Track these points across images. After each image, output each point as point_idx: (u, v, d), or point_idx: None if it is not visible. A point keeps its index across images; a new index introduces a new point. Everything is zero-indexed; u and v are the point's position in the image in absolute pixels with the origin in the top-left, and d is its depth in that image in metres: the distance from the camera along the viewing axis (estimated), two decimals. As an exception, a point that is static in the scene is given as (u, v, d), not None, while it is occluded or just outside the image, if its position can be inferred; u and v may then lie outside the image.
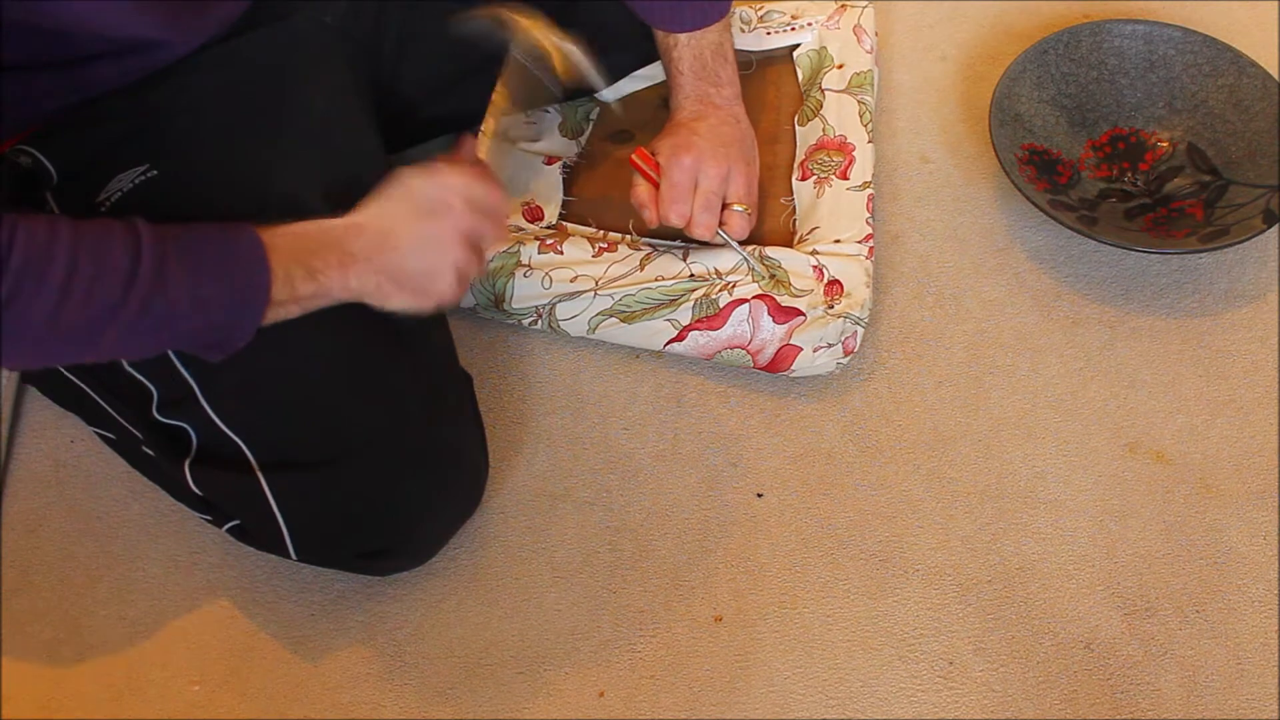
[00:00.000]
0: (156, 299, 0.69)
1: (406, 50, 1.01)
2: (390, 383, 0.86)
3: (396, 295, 0.81)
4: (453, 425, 0.91)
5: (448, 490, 0.90)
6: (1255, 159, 1.09)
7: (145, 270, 0.69)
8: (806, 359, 0.99)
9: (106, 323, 0.68)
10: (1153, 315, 1.06)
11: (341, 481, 0.84)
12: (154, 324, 0.70)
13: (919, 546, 0.94)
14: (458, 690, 0.89)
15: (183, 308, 0.71)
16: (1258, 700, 0.86)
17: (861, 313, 1.00)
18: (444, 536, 0.93)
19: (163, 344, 0.75)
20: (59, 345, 0.69)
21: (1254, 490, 0.95)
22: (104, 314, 0.68)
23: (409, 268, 0.81)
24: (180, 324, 0.72)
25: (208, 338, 0.74)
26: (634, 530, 0.96)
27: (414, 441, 0.86)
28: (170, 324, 0.71)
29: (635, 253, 1.04)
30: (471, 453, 0.93)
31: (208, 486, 0.87)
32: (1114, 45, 1.16)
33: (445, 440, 0.89)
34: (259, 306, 0.74)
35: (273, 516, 0.85)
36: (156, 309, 0.70)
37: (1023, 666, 0.88)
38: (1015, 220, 1.13)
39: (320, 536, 0.87)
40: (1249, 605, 0.90)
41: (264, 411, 0.83)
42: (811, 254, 1.02)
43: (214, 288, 0.72)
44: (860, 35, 1.18)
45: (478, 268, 0.85)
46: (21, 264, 0.64)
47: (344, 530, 0.86)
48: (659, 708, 0.88)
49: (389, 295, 0.81)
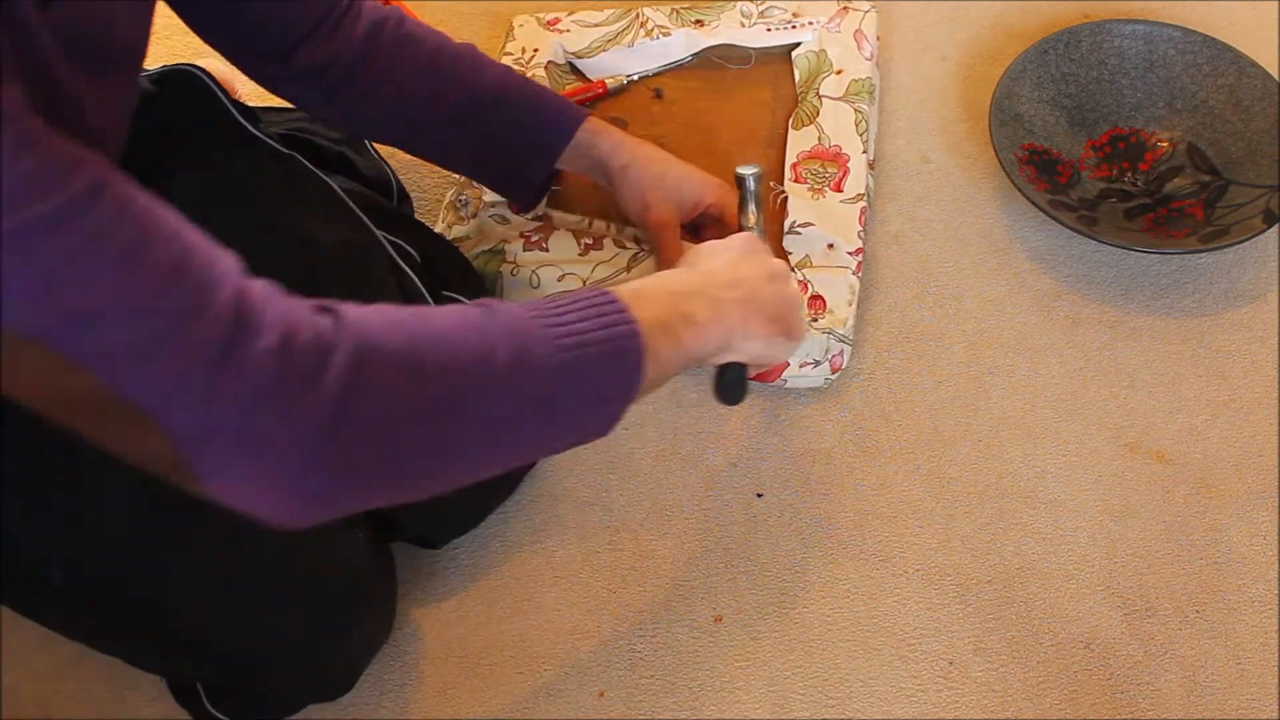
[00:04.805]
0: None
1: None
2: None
3: (762, 327, 0.76)
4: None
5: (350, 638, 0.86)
6: (1255, 159, 1.08)
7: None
8: (794, 373, 0.99)
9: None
10: (1153, 315, 1.06)
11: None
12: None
13: (919, 546, 0.94)
14: (458, 690, 0.89)
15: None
16: (1258, 700, 0.86)
17: (845, 330, 1.00)
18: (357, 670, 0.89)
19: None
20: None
21: (1254, 490, 0.95)
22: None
23: (765, 295, 0.77)
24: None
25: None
26: (634, 530, 0.96)
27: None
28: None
29: (622, 251, 1.04)
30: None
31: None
32: (1114, 45, 1.16)
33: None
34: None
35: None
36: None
37: (1023, 666, 0.88)
38: (1015, 220, 1.13)
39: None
40: (1249, 605, 0.90)
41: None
42: (796, 268, 1.02)
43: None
44: (860, 41, 1.18)
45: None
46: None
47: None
48: (659, 708, 0.88)
49: (756, 329, 0.76)
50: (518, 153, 0.95)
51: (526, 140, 0.94)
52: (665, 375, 0.70)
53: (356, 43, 0.87)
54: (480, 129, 0.92)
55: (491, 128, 0.92)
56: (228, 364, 0.53)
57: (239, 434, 0.53)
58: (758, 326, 0.76)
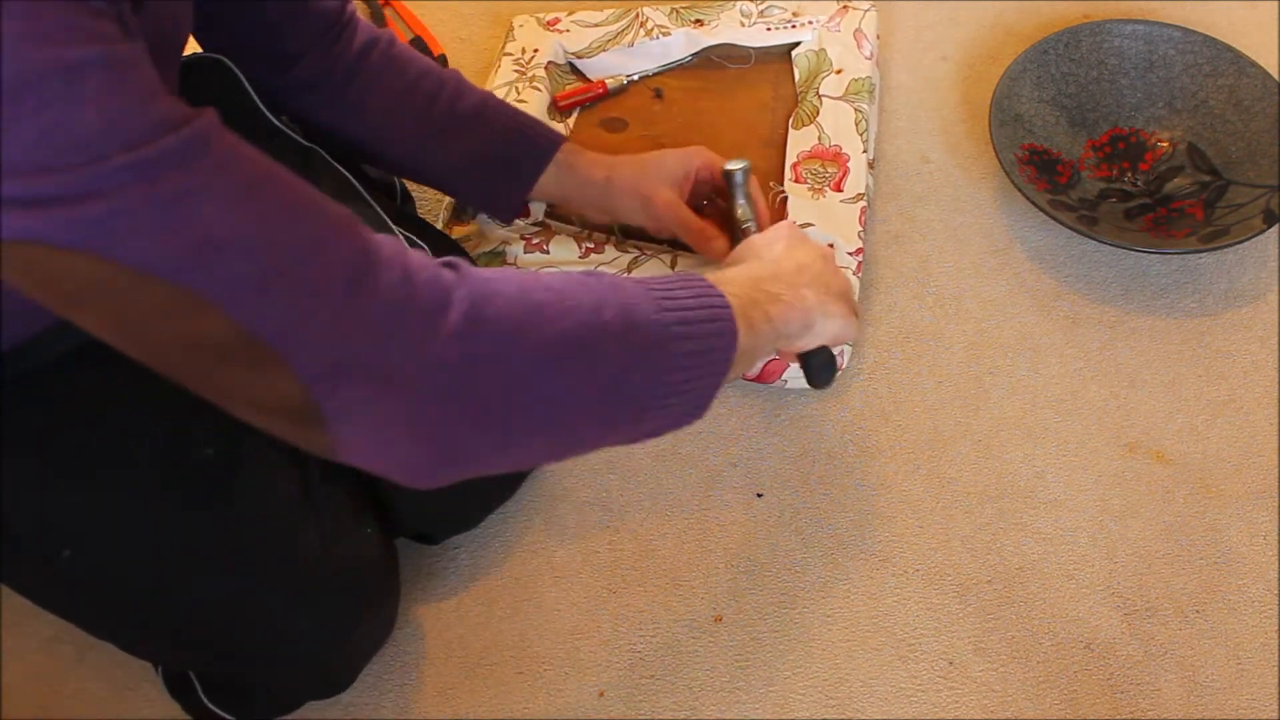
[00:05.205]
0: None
1: None
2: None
3: (836, 305, 0.79)
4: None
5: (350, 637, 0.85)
6: (1255, 159, 1.08)
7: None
8: (794, 374, 0.99)
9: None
10: (1153, 315, 1.06)
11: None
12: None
13: (919, 546, 0.94)
14: (458, 690, 0.89)
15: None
16: (1258, 700, 0.86)
17: None
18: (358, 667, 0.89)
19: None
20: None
21: (1254, 490, 0.95)
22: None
23: (828, 275, 0.80)
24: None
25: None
26: (634, 530, 0.96)
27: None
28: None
29: (623, 255, 1.04)
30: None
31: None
32: (1114, 45, 1.16)
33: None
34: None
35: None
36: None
37: (1023, 666, 0.88)
38: (1015, 220, 1.13)
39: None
40: (1249, 605, 0.90)
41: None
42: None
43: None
44: (860, 40, 1.18)
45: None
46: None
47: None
48: (659, 708, 0.88)
49: (831, 306, 0.79)
50: (498, 172, 0.96)
51: (506, 160, 0.95)
52: (757, 348, 0.72)
53: (350, 58, 0.89)
54: (461, 148, 0.93)
55: (472, 147, 0.93)
56: (356, 293, 0.54)
57: (368, 369, 0.54)
58: (832, 304, 0.79)
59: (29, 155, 0.47)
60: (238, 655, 0.81)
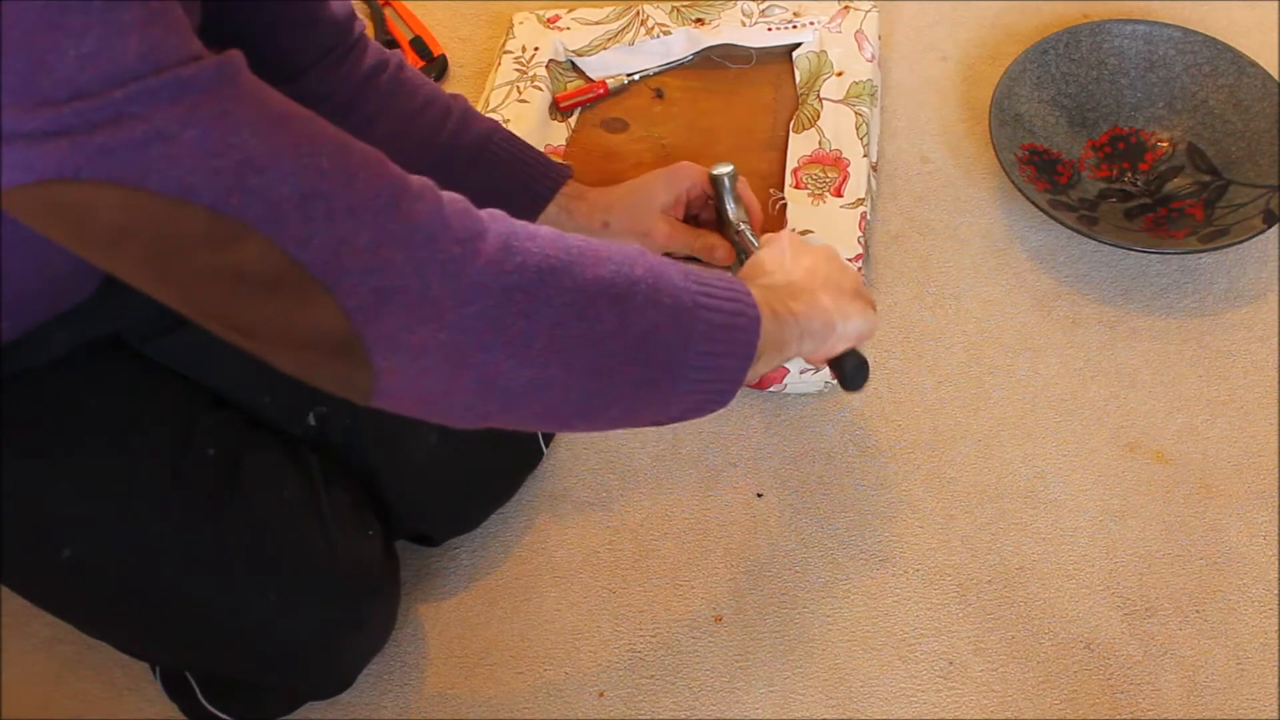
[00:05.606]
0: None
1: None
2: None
3: (852, 304, 0.80)
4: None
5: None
6: (1255, 159, 1.09)
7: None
8: (794, 379, 0.99)
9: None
10: (1153, 315, 1.06)
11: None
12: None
13: (919, 546, 0.94)
14: (458, 690, 0.89)
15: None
16: (1258, 700, 0.86)
17: None
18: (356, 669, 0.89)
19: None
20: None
21: (1254, 490, 0.95)
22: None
23: (838, 275, 0.81)
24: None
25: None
26: (634, 530, 0.96)
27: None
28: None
29: None
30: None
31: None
32: (1114, 45, 1.16)
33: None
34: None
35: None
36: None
37: (1023, 666, 0.88)
38: (1015, 220, 1.13)
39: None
40: (1249, 605, 0.90)
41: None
42: None
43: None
44: (861, 42, 1.18)
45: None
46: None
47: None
48: (659, 708, 0.88)
49: (848, 307, 0.79)
50: (499, 203, 0.96)
51: (506, 198, 0.95)
52: (784, 340, 0.72)
53: (357, 79, 0.88)
54: (464, 175, 0.92)
55: (474, 175, 0.92)
56: (394, 218, 0.54)
57: (408, 295, 0.54)
58: (848, 304, 0.79)
59: (70, 80, 0.47)
60: (238, 656, 0.81)
